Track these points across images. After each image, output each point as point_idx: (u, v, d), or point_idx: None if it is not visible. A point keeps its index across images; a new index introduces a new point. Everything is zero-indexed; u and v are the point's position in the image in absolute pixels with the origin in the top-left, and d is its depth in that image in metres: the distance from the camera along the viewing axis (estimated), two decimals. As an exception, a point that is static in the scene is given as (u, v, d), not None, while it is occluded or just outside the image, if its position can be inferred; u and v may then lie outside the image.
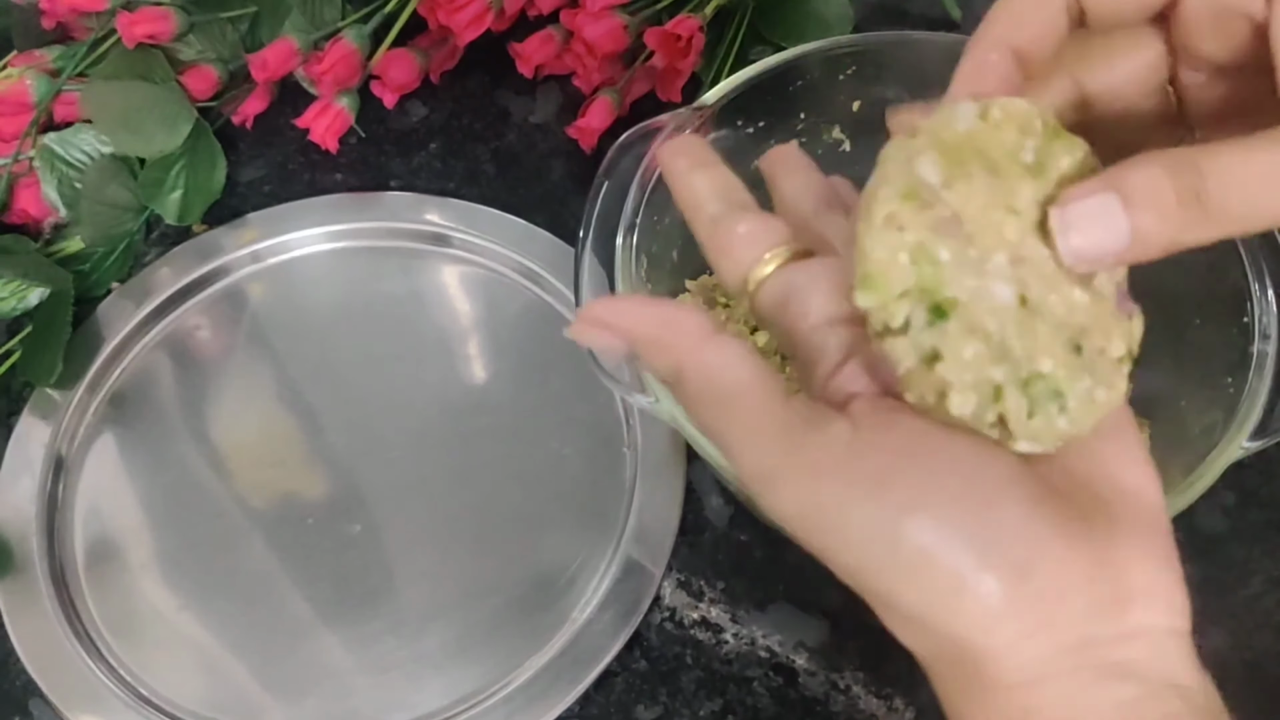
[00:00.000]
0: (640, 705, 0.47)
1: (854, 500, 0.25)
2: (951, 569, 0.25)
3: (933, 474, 0.25)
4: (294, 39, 0.60)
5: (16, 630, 0.49)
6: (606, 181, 0.47)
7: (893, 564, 0.25)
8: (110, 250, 0.60)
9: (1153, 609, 0.26)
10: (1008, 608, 0.25)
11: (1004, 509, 0.25)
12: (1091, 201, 0.25)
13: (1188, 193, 0.25)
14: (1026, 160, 0.27)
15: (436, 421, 0.55)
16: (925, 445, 0.26)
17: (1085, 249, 0.26)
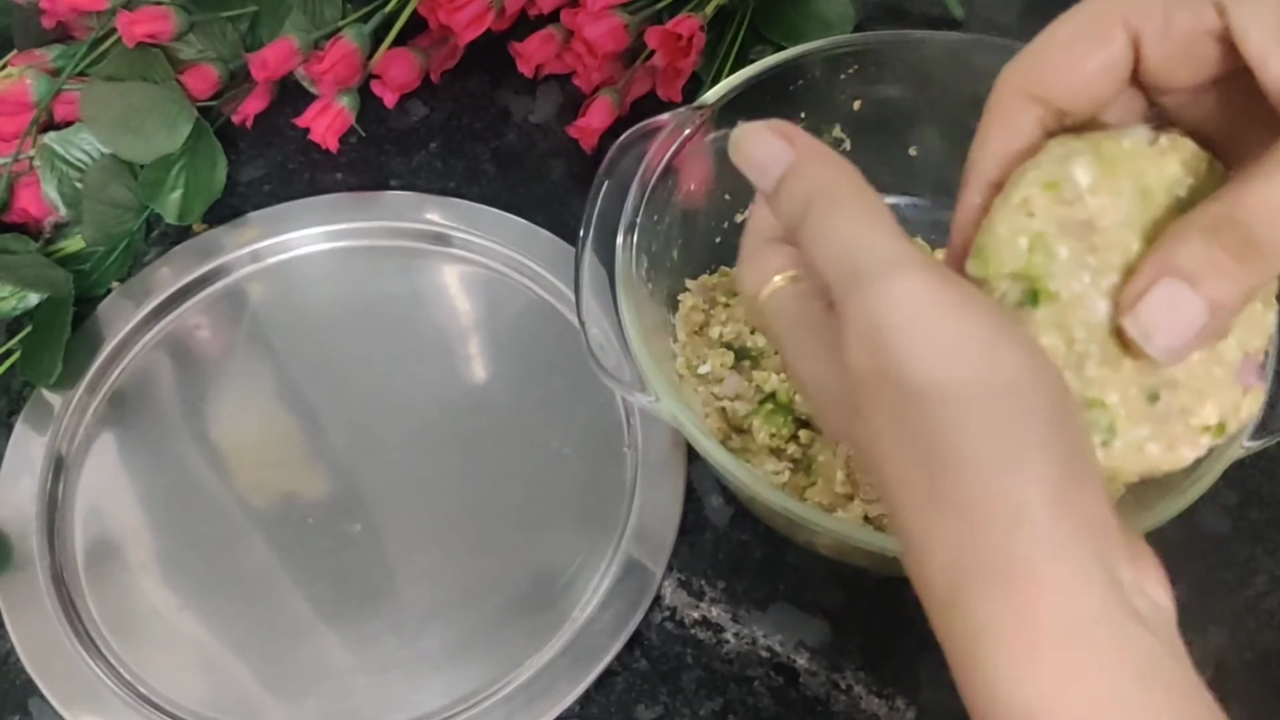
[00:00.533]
0: (641, 705, 0.47)
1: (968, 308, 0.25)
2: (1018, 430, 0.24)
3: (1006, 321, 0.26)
4: (294, 38, 0.60)
5: (16, 630, 0.49)
6: (607, 181, 0.47)
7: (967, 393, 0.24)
8: (110, 250, 0.59)
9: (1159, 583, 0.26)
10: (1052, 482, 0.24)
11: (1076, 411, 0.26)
12: (1157, 294, 0.25)
13: (1240, 247, 0.25)
14: (1180, 195, 0.27)
15: (436, 421, 0.54)
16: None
17: (1174, 343, 0.26)
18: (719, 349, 0.51)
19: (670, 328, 0.51)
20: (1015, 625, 0.24)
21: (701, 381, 0.50)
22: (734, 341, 0.51)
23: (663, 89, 0.62)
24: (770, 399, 0.49)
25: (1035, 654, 0.23)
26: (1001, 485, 0.24)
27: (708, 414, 0.50)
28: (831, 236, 0.27)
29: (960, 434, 0.24)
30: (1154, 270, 0.26)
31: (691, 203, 0.51)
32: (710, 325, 0.51)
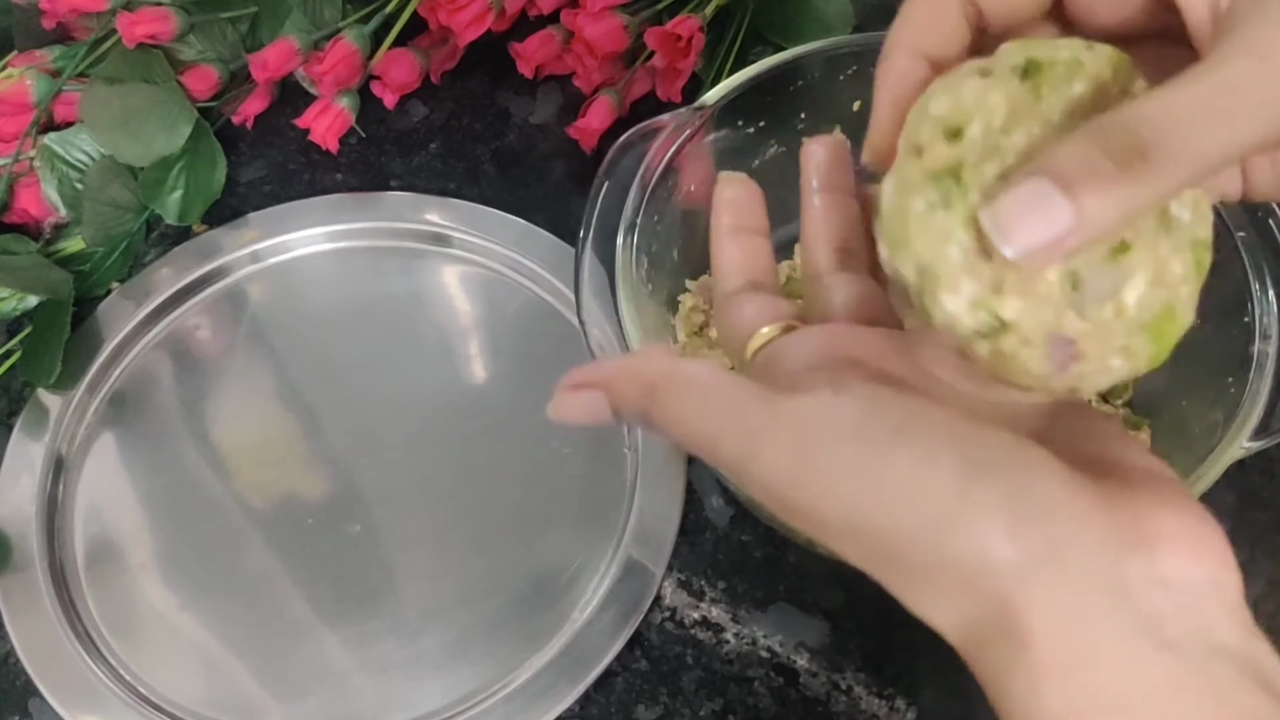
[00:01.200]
0: (641, 705, 0.47)
1: (836, 442, 0.25)
2: (942, 480, 0.23)
3: (914, 411, 0.25)
4: (294, 39, 0.60)
5: (16, 630, 0.49)
6: (607, 181, 0.47)
7: (881, 493, 0.24)
8: (110, 250, 0.60)
9: (1181, 555, 0.24)
10: (1012, 519, 0.23)
11: (996, 437, 0.24)
12: (1021, 192, 0.23)
13: (1126, 152, 0.23)
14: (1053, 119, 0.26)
15: (437, 421, 0.55)
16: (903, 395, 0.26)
17: (1032, 244, 0.23)
18: (719, 349, 0.51)
19: (670, 328, 0.51)
20: (1025, 671, 0.23)
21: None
22: (734, 342, 0.51)
23: (662, 89, 0.62)
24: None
25: (1043, 694, 0.23)
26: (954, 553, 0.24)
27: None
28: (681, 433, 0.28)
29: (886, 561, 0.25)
30: (1030, 168, 0.24)
31: (691, 203, 0.51)
32: (710, 325, 0.51)
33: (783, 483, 0.25)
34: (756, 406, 0.26)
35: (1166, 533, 0.24)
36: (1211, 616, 0.24)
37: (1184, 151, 0.23)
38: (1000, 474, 0.24)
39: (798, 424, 0.25)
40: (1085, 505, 0.24)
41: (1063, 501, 0.24)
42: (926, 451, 0.24)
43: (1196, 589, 0.24)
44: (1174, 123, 0.23)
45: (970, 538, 0.23)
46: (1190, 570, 0.24)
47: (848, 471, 0.24)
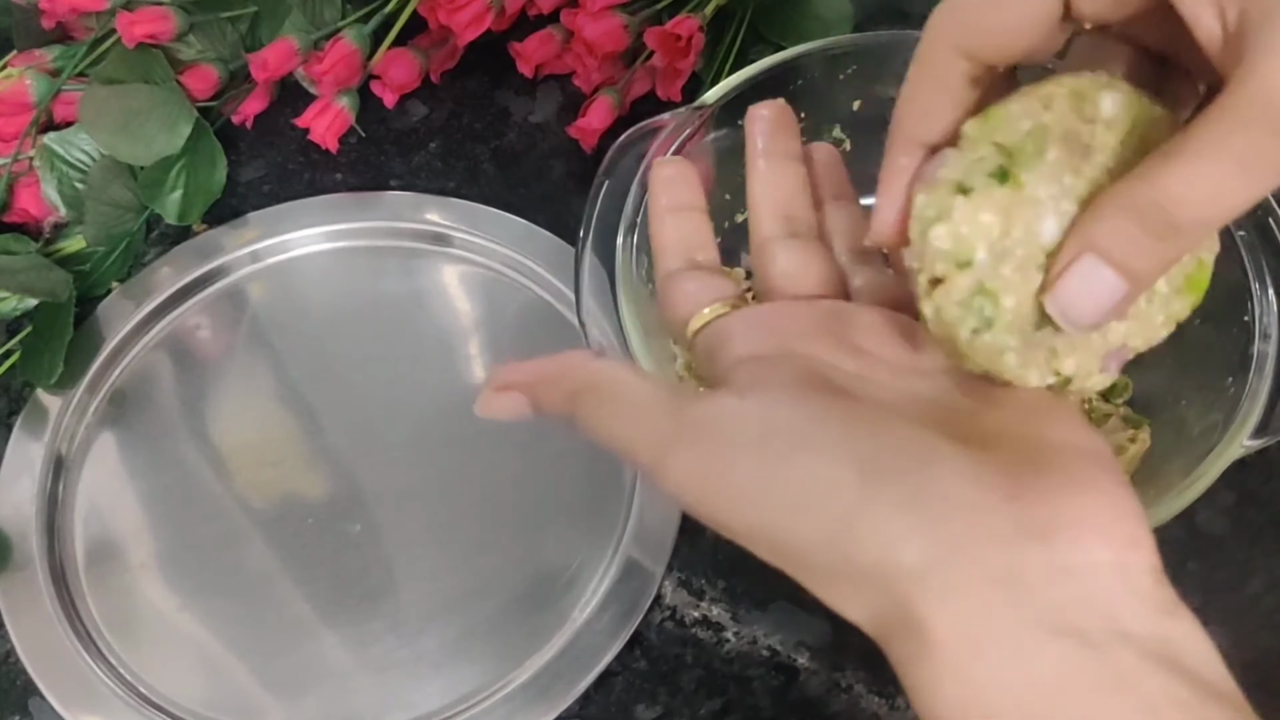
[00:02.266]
0: (641, 705, 0.47)
1: (738, 452, 0.25)
2: (844, 499, 0.24)
3: (814, 418, 0.25)
4: (294, 39, 0.60)
5: (16, 629, 0.49)
6: (607, 181, 0.47)
7: (781, 502, 0.25)
8: (111, 250, 0.59)
9: (1086, 542, 0.24)
10: (911, 526, 0.24)
11: (893, 430, 0.25)
12: (1075, 272, 0.25)
13: (1159, 227, 0.25)
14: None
15: (436, 421, 0.54)
16: (808, 399, 0.26)
17: (1091, 315, 0.26)
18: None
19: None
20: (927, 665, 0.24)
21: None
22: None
23: (662, 89, 0.62)
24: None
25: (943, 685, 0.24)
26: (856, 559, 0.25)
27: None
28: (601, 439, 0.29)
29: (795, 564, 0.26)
30: (1075, 247, 0.26)
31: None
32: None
33: (690, 493, 0.26)
34: (664, 418, 0.27)
35: (1070, 519, 0.24)
36: (1117, 600, 0.24)
37: (1214, 217, 0.25)
38: (898, 479, 0.24)
39: (701, 435, 0.26)
40: (985, 499, 0.24)
41: (962, 499, 0.24)
42: (826, 461, 0.25)
43: (1101, 574, 0.24)
44: (1201, 197, 0.25)
45: (869, 546, 0.24)
46: (1095, 555, 0.24)
47: (749, 484, 0.25)
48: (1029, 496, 0.24)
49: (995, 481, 0.24)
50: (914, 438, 0.25)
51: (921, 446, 0.25)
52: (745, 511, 0.26)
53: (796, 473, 0.25)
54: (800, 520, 0.25)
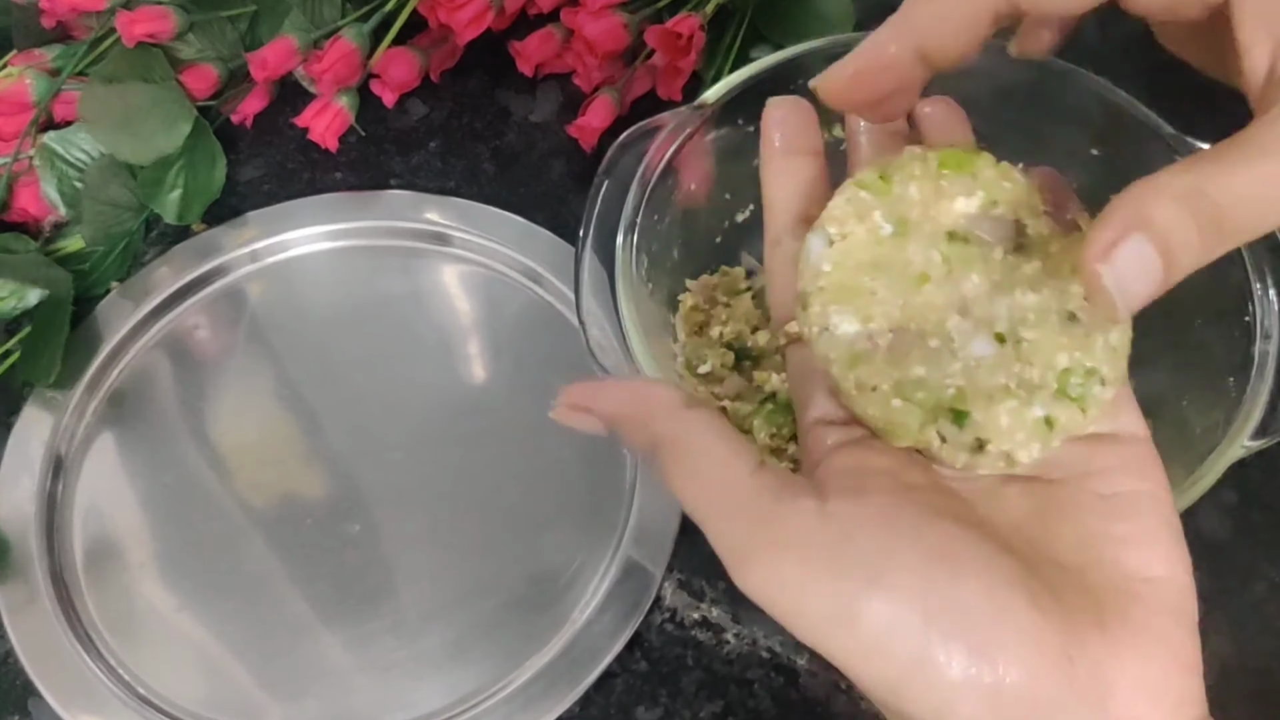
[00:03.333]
0: (641, 706, 0.47)
1: (814, 578, 0.25)
2: (908, 650, 0.24)
3: (894, 549, 0.25)
4: (293, 38, 0.60)
5: (16, 630, 0.49)
6: (607, 180, 0.46)
7: (853, 645, 0.25)
8: (110, 249, 0.59)
9: (1137, 703, 0.24)
10: (968, 689, 0.24)
11: (968, 583, 0.24)
12: (1130, 248, 0.25)
13: (1208, 222, 0.24)
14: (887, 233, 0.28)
15: (436, 421, 0.54)
16: (890, 516, 0.25)
17: (1142, 296, 0.25)
18: (719, 349, 0.51)
19: (670, 328, 0.51)
20: None
21: (702, 381, 0.50)
22: (734, 341, 0.51)
23: (663, 88, 0.62)
24: (771, 399, 0.49)
25: None
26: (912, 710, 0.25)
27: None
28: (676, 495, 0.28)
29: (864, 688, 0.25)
30: (1124, 223, 0.25)
31: (692, 202, 0.51)
32: (710, 325, 0.51)
33: (765, 604, 0.26)
34: (747, 521, 0.26)
35: (1126, 683, 0.24)
36: None
37: (1252, 228, 0.25)
38: (962, 638, 0.24)
39: (781, 555, 0.25)
40: (1042, 662, 0.24)
41: (1019, 660, 0.24)
42: (897, 608, 0.24)
43: None
44: (1249, 200, 0.25)
45: (926, 701, 0.24)
46: (1143, 713, 0.24)
47: (822, 618, 0.25)
48: (1087, 659, 0.24)
49: (1055, 642, 0.24)
50: (986, 593, 0.25)
51: (992, 603, 0.24)
52: (817, 640, 0.25)
53: (866, 619, 0.24)
54: (866, 665, 0.25)
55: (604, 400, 0.29)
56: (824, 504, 0.26)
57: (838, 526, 0.25)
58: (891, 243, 0.27)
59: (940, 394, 0.26)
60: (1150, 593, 0.26)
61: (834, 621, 0.25)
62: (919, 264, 0.27)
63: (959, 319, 0.27)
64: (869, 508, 0.26)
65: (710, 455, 0.27)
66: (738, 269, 0.54)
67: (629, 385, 0.30)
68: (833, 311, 0.27)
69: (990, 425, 0.27)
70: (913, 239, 0.27)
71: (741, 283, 0.53)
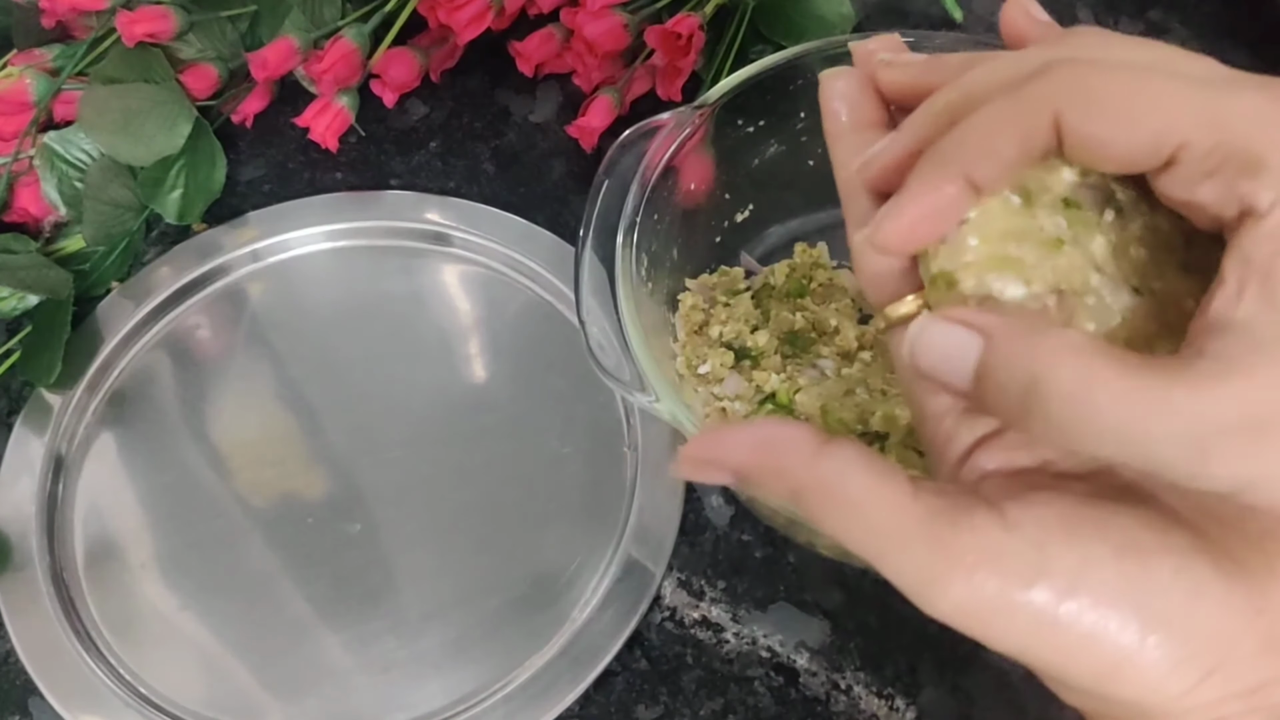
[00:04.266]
0: (641, 705, 0.47)
1: (1013, 591, 0.25)
2: (1116, 645, 0.24)
3: (1082, 545, 0.25)
4: (294, 38, 0.60)
5: (16, 629, 0.49)
6: (607, 180, 0.47)
7: (1059, 647, 0.25)
8: (110, 249, 0.59)
9: None
10: (1176, 665, 0.24)
11: (1159, 571, 0.25)
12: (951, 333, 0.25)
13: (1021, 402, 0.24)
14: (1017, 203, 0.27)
15: (436, 421, 0.54)
16: (1068, 517, 0.26)
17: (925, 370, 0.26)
18: (719, 349, 0.51)
19: (670, 327, 0.51)
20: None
21: (701, 381, 0.50)
22: (734, 341, 0.51)
23: (662, 88, 0.62)
24: (770, 399, 0.49)
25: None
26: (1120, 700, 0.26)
27: (708, 414, 0.49)
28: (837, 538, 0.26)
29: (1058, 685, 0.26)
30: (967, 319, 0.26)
31: (691, 202, 0.51)
32: (710, 325, 0.51)
33: (963, 625, 0.26)
34: (925, 548, 0.25)
35: None
36: None
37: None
38: (1165, 625, 0.24)
39: (975, 574, 0.25)
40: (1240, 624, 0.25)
41: (1221, 629, 0.25)
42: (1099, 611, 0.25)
43: None
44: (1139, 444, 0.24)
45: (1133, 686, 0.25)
46: None
47: (1027, 627, 0.25)
48: (1272, 608, 0.25)
49: (1245, 603, 0.25)
50: (1178, 571, 0.25)
51: (1184, 582, 0.25)
52: (1023, 649, 0.25)
53: (1074, 623, 0.25)
54: (1073, 666, 0.25)
55: (730, 452, 0.27)
56: (1002, 513, 0.25)
57: (1024, 536, 0.25)
58: (1023, 213, 0.27)
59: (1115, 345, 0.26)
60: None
61: (1040, 630, 0.25)
62: (1050, 230, 0.27)
63: (1098, 277, 0.27)
64: (1047, 513, 0.26)
65: (864, 493, 0.26)
66: (737, 269, 0.54)
67: (753, 431, 0.27)
68: (993, 279, 0.26)
69: None
70: (1039, 208, 0.27)
71: (741, 282, 0.54)
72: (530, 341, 0.57)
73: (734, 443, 0.27)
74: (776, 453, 0.26)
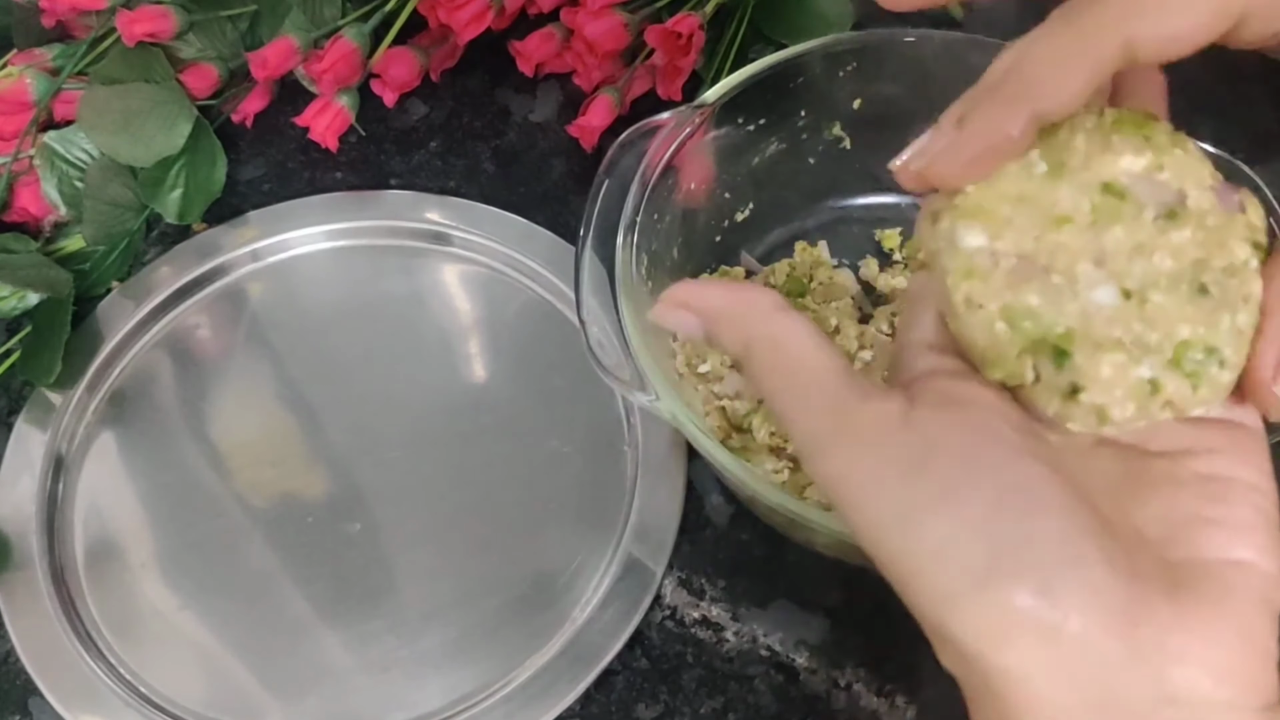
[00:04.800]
0: (641, 704, 0.47)
1: (888, 478, 0.25)
2: (967, 565, 0.24)
3: (973, 470, 0.25)
4: (294, 37, 0.60)
5: (16, 629, 0.49)
6: (607, 180, 0.47)
7: (912, 552, 0.24)
8: (110, 249, 0.59)
9: (1201, 679, 0.23)
10: (1024, 623, 0.23)
11: (1043, 519, 0.24)
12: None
13: None
14: (1041, 171, 0.27)
15: (436, 420, 0.54)
16: (974, 441, 0.25)
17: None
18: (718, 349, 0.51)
19: (670, 327, 0.51)
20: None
21: (701, 380, 0.50)
22: (734, 340, 0.51)
23: (663, 88, 0.62)
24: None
25: None
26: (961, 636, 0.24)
27: (708, 413, 0.50)
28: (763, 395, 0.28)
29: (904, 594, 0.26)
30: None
31: (692, 201, 0.51)
32: (710, 324, 0.51)
33: (832, 495, 0.26)
34: (829, 411, 0.26)
35: (1191, 656, 0.24)
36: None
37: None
38: (1026, 573, 0.23)
39: (858, 445, 0.26)
40: (1107, 621, 0.23)
41: (1084, 611, 0.23)
42: (963, 530, 0.24)
43: (1209, 712, 0.24)
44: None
45: (975, 634, 0.24)
46: (1207, 693, 0.24)
47: (886, 517, 0.25)
48: (1152, 625, 0.24)
49: (1122, 602, 0.24)
50: (1060, 536, 0.24)
51: (1064, 548, 0.24)
52: (875, 539, 0.25)
53: (930, 531, 0.24)
54: (918, 579, 0.25)
55: (704, 298, 0.30)
56: (910, 410, 0.26)
57: (920, 435, 0.25)
58: (1042, 180, 0.27)
59: (1048, 329, 0.26)
60: (1233, 576, 0.25)
61: (896, 525, 0.25)
62: (1065, 206, 0.27)
63: (1091, 267, 0.26)
64: (955, 428, 0.25)
65: (802, 354, 0.28)
66: (737, 268, 0.54)
67: (730, 285, 0.31)
68: (960, 225, 0.27)
69: (1090, 372, 0.26)
70: (1066, 182, 0.27)
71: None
72: (530, 341, 0.57)
73: (709, 290, 0.30)
74: (741, 304, 0.29)
